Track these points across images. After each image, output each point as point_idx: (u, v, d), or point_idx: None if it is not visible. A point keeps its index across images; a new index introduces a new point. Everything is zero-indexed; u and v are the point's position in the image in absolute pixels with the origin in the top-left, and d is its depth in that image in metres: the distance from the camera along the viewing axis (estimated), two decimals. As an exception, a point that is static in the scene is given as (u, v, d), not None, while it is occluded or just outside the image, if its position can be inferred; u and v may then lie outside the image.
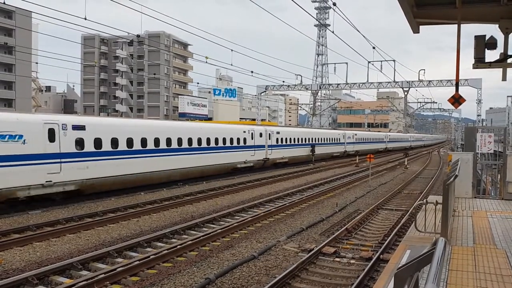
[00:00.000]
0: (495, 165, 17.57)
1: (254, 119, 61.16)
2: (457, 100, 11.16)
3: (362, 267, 9.02)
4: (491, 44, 9.14)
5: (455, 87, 11.03)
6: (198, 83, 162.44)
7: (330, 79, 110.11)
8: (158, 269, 8.89)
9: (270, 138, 30.94)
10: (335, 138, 45.61)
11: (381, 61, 39.76)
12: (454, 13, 8.93)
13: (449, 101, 11.55)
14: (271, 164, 31.63)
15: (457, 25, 9.34)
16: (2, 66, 63.63)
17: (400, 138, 77.33)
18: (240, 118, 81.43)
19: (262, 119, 51.78)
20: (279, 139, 32.48)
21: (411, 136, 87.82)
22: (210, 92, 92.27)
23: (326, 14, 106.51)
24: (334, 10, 17.61)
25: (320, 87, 52.33)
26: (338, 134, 47.43)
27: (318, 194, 19.26)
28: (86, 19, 18.51)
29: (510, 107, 56.28)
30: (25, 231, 11.79)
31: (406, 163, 37.66)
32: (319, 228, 12.94)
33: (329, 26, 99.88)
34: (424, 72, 62.07)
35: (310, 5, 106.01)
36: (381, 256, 9.58)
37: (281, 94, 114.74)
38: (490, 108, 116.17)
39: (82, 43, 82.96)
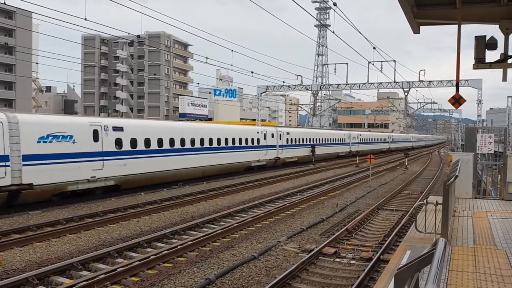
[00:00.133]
0: (496, 165, 17.53)
1: (254, 120, 61.16)
2: (457, 100, 11.19)
3: (362, 268, 9.02)
4: (492, 44, 9.15)
5: (456, 88, 11.06)
6: (198, 84, 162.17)
7: (331, 80, 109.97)
8: (158, 269, 8.90)
9: (281, 138, 32.36)
10: (341, 139, 47.35)
11: (381, 61, 39.69)
12: (454, 13, 8.94)
13: (449, 101, 11.59)
14: (282, 163, 32.93)
15: (457, 25, 9.35)
16: (3, 66, 63.63)
17: (402, 138, 78.75)
18: (240, 119, 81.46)
19: (262, 120, 51.77)
20: (289, 139, 33.89)
21: (413, 136, 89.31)
22: (210, 92, 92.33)
23: (327, 14, 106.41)
24: (334, 10, 17.64)
25: (320, 88, 52.19)
26: (344, 134, 49.25)
27: (318, 194, 19.27)
28: (86, 20, 18.54)
29: (511, 108, 56.16)
30: (25, 231, 11.80)
31: (406, 164, 37.69)
32: (319, 228, 12.94)
33: (329, 26, 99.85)
34: (424, 72, 61.70)
35: (310, 5, 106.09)
36: (381, 256, 9.59)
37: (281, 95, 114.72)
38: (491, 108, 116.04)
39: (83, 44, 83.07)
